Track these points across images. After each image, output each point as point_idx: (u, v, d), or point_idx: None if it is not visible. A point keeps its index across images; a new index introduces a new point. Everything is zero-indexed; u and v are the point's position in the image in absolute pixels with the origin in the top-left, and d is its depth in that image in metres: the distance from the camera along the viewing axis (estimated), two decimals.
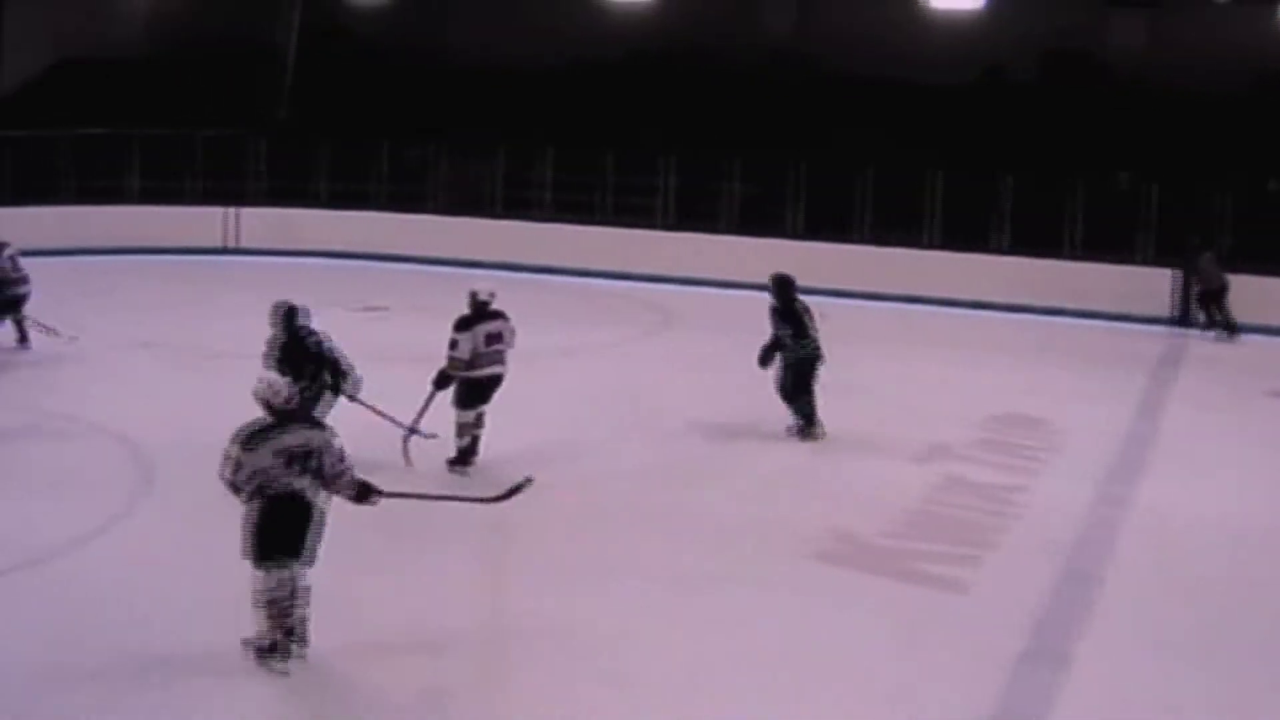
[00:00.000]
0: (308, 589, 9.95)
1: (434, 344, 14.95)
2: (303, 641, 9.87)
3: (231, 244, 28.78)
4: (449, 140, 29.96)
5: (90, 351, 19.76)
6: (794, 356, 16.15)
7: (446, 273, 25.72)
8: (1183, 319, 24.72)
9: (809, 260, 25.25)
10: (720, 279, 26.57)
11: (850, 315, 24.23)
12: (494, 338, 14.63)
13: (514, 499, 11.16)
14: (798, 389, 16.24)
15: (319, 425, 10.26)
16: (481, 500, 11.42)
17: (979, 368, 21.12)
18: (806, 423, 16.29)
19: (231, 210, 28.97)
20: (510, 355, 14.81)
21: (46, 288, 20.53)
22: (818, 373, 16.28)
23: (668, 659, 10.23)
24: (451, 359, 14.37)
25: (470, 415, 14.60)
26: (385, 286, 24.61)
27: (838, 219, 27.05)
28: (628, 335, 22.96)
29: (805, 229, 27.24)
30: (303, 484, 9.76)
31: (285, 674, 9.71)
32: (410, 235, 28.16)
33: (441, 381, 14.52)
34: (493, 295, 14.83)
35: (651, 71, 30.32)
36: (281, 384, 10.15)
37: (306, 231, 28.93)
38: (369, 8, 32.87)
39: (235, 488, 9.79)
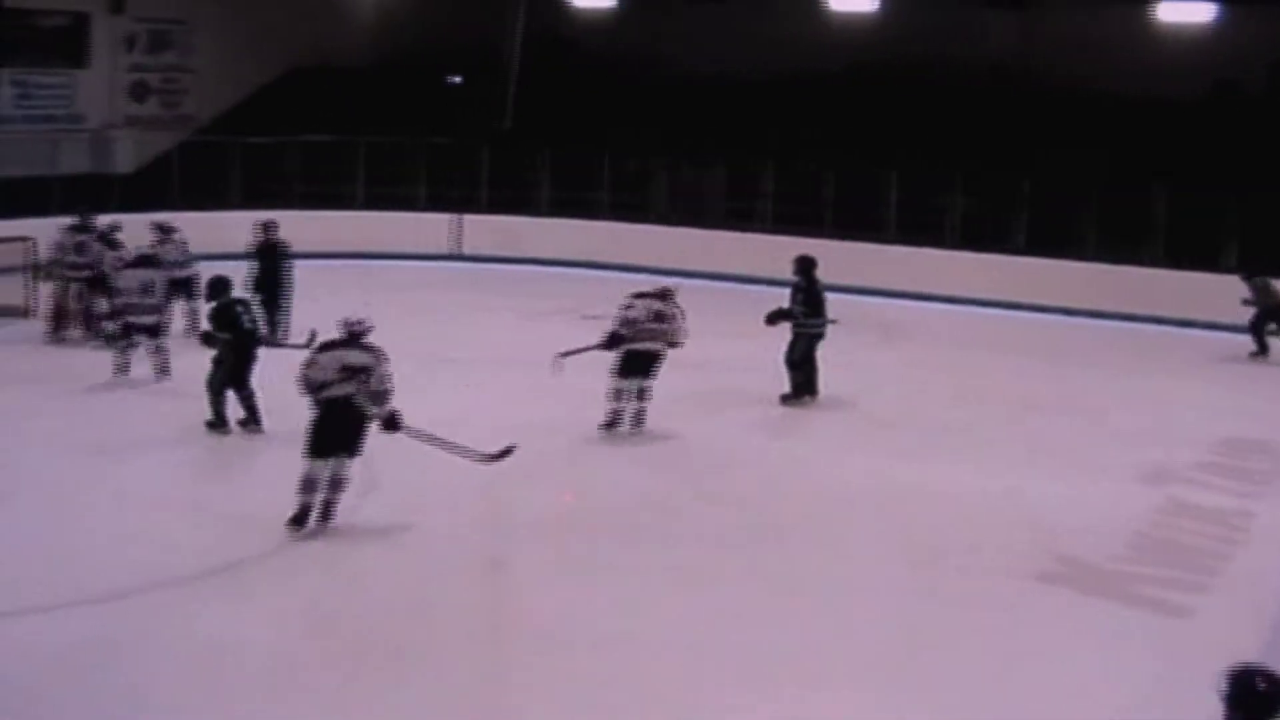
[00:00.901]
0: (349, 479, 12.83)
1: None
2: (327, 519, 12.78)
3: (456, 250, 29.14)
4: (670, 150, 30.04)
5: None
6: (805, 330, 18.03)
7: (666, 282, 25.77)
8: None
9: (1033, 277, 25.00)
10: (943, 294, 26.31)
11: (1071, 333, 23.93)
12: (659, 316, 16.52)
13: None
14: (805, 360, 18.10)
15: (375, 351, 12.95)
16: (478, 457, 13.30)
17: (1203, 387, 20.66)
18: (797, 390, 18.11)
19: (456, 217, 29.33)
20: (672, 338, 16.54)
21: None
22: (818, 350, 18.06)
23: (891, 670, 10.23)
24: (622, 319, 16.48)
25: (625, 384, 16.43)
26: (604, 295, 24.62)
27: (1061, 235, 26.61)
28: (845, 348, 22.79)
29: (1028, 245, 26.81)
30: (353, 390, 12.71)
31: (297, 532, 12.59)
32: (630, 244, 28.27)
33: (610, 342, 16.49)
34: (674, 288, 17.13)
35: (873, 84, 30.12)
36: (357, 316, 13.14)
37: (528, 239, 29.22)
38: (593, 19, 33.09)
39: (306, 382, 12.78)
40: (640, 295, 16.88)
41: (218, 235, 24.72)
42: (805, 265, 18.40)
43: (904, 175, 27.98)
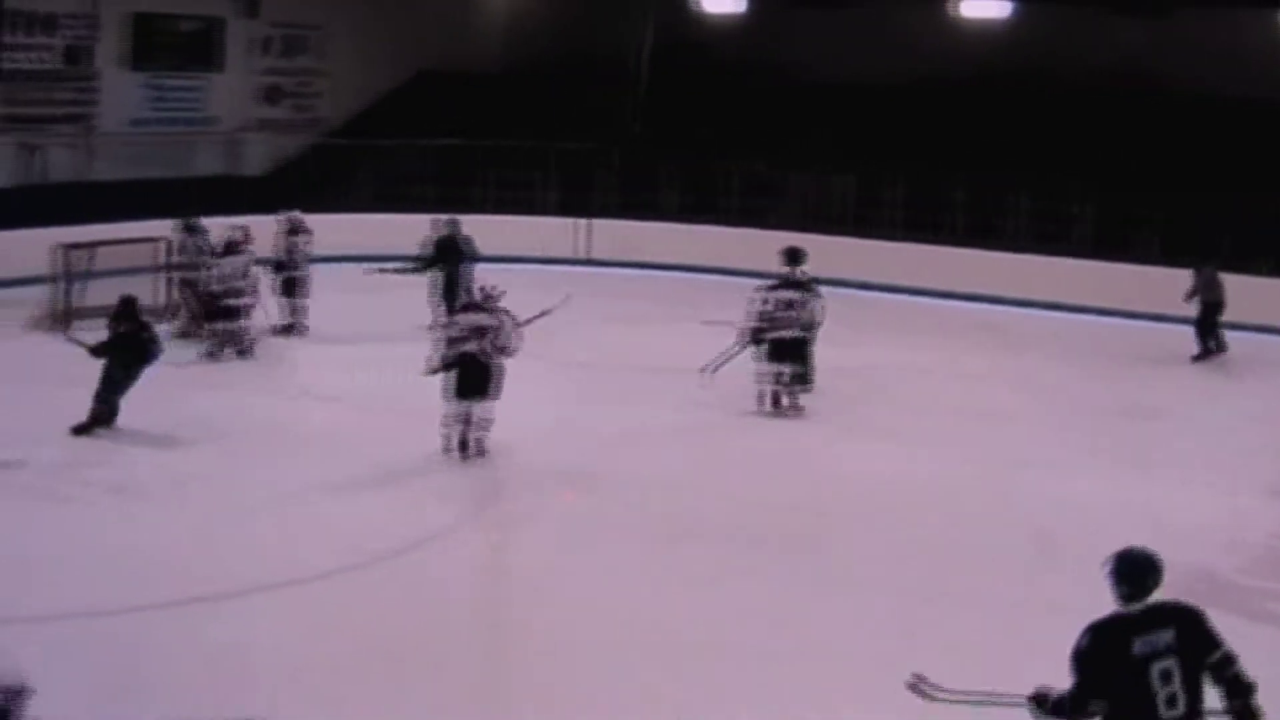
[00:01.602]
0: (491, 420, 15.63)
1: None
2: (465, 450, 15.56)
3: (583, 255, 29.20)
4: (797, 156, 29.91)
5: None
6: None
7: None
8: None
9: (1165, 287, 24.60)
10: (1069, 303, 26.05)
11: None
12: (790, 305, 17.84)
13: None
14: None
15: (500, 314, 15.77)
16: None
17: None
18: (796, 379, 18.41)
19: (583, 221, 29.41)
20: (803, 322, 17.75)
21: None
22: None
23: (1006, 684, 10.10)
24: (756, 313, 17.89)
25: (769, 369, 17.86)
26: (729, 301, 24.55)
27: (1193, 245, 26.18)
28: (959, 353, 22.67)
29: (1163, 254, 26.39)
30: (481, 347, 15.47)
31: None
32: (757, 250, 28.05)
33: (750, 339, 17.89)
34: (805, 273, 18.27)
35: (1002, 91, 29.85)
36: (488, 285, 16.20)
37: (655, 244, 29.21)
38: (721, 25, 33.04)
39: (447, 340, 15.71)
40: (772, 288, 18.13)
41: (347, 238, 25.04)
42: (789, 256, 18.78)
43: (1033, 182, 27.68)
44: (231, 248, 20.85)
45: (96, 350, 16.19)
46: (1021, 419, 18.58)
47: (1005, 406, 19.20)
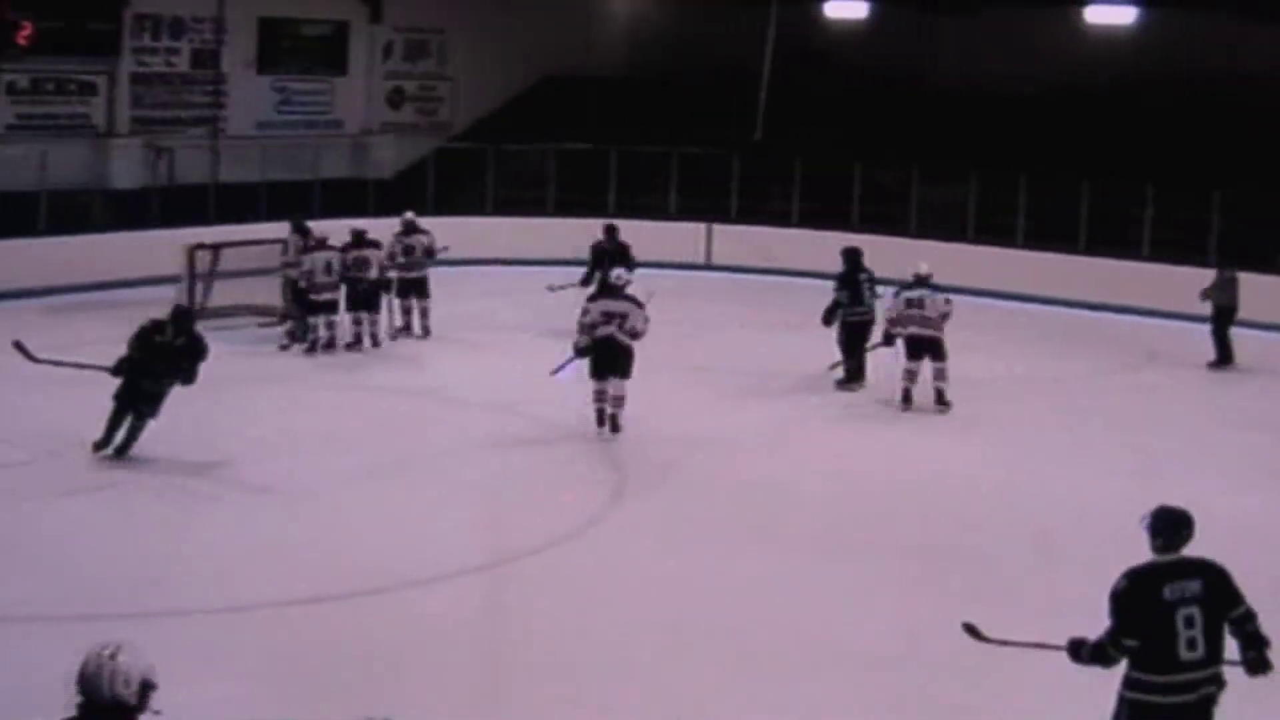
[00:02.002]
0: (623, 398, 16.72)
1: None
2: (610, 427, 16.75)
3: (706, 260, 29.12)
4: (922, 163, 29.68)
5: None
6: (849, 318, 19.62)
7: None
8: None
9: None
10: (1200, 314, 25.62)
11: None
12: (917, 303, 18.76)
13: None
14: (850, 345, 19.63)
15: (631, 300, 16.98)
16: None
17: None
18: (848, 375, 19.63)
19: (706, 226, 29.32)
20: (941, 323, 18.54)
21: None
22: (869, 335, 19.61)
23: None
24: (886, 318, 19.02)
25: (908, 364, 18.69)
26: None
27: None
28: (1104, 368, 22.37)
29: None
30: (613, 330, 16.67)
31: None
32: (881, 257, 27.86)
33: (885, 340, 19.07)
34: (930, 274, 19.10)
35: (1131, 98, 29.45)
36: (621, 273, 17.67)
37: (778, 250, 29.06)
38: (845, 30, 32.86)
39: (582, 325, 16.86)
40: (905, 287, 19.12)
41: (471, 241, 25.10)
42: (846, 255, 20.47)
43: (1161, 191, 27.29)
44: (323, 244, 21.36)
45: (117, 369, 15.10)
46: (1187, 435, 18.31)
47: (1164, 420, 18.96)
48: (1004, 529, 13.96)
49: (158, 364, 14.97)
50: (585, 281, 21.98)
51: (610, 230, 23.31)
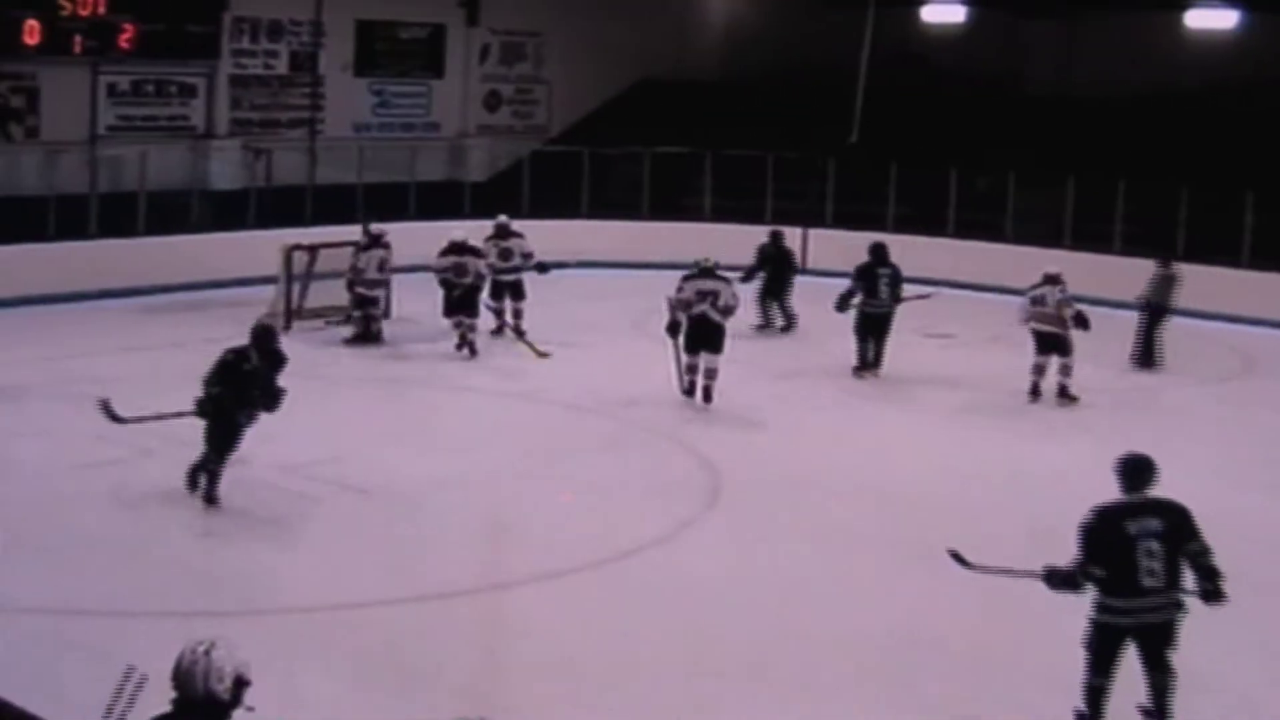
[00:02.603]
0: (716, 370, 18.07)
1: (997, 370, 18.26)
2: (704, 397, 18.16)
3: (801, 265, 28.94)
4: (1019, 168, 29.42)
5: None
6: (865, 309, 20.45)
7: (1012, 302, 25.37)
8: None
9: None
10: None
11: None
12: (1039, 300, 19.44)
13: None
14: (862, 334, 20.43)
15: (723, 279, 18.46)
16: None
17: None
18: (861, 363, 20.44)
19: (802, 230, 29.18)
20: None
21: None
22: (886, 328, 20.50)
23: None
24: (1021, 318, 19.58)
25: (1036, 359, 19.36)
26: (952, 313, 24.29)
27: None
28: (1201, 376, 22.11)
29: None
30: (706, 308, 18.04)
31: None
32: (979, 263, 27.80)
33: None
34: (1058, 273, 19.75)
35: (1230, 102, 29.11)
36: (709, 259, 18.52)
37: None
38: (943, 34, 32.68)
39: (678, 303, 18.15)
40: (1033, 286, 19.74)
41: (568, 244, 25.13)
42: (872, 250, 21.14)
43: (1262, 198, 26.92)
44: (376, 242, 21.92)
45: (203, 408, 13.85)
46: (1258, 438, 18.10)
47: (1260, 429, 18.82)
48: None
49: (252, 391, 13.85)
50: (746, 278, 22.96)
51: (775, 236, 24.24)
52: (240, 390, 13.75)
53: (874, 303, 20.50)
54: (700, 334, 18.16)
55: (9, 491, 13.79)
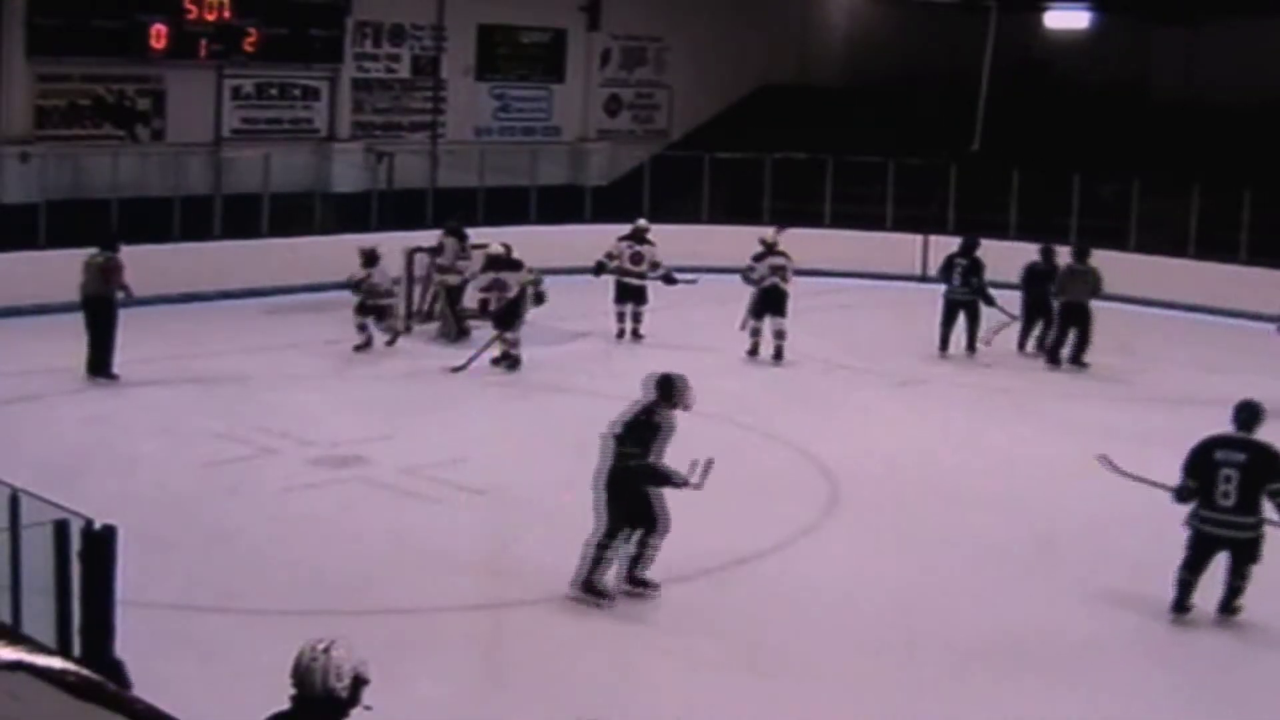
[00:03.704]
0: (784, 332, 20.77)
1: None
2: (774, 354, 21.20)
3: (922, 272, 28.71)
4: (1143, 176, 29.04)
5: (795, 371, 20.98)
6: (946, 296, 22.38)
7: (1137, 311, 25.14)
8: None
9: None
10: None
11: None
12: None
13: None
14: (943, 319, 22.16)
15: (787, 256, 21.24)
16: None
17: None
18: (943, 346, 22.14)
19: (923, 238, 28.98)
20: None
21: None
22: (956, 314, 22.15)
23: None
24: None
25: None
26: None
27: None
28: None
29: None
30: (777, 280, 20.91)
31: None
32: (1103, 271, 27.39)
33: None
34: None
35: None
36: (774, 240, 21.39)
37: (996, 262, 28.54)
38: (1066, 41, 32.42)
39: (750, 277, 21.00)
40: None
41: (687, 250, 25.06)
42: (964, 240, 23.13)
43: None
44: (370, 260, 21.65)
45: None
46: None
47: None
48: None
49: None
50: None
51: (1047, 253, 23.24)
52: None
53: (952, 289, 22.33)
54: (769, 300, 21.21)
55: (132, 487, 13.92)
